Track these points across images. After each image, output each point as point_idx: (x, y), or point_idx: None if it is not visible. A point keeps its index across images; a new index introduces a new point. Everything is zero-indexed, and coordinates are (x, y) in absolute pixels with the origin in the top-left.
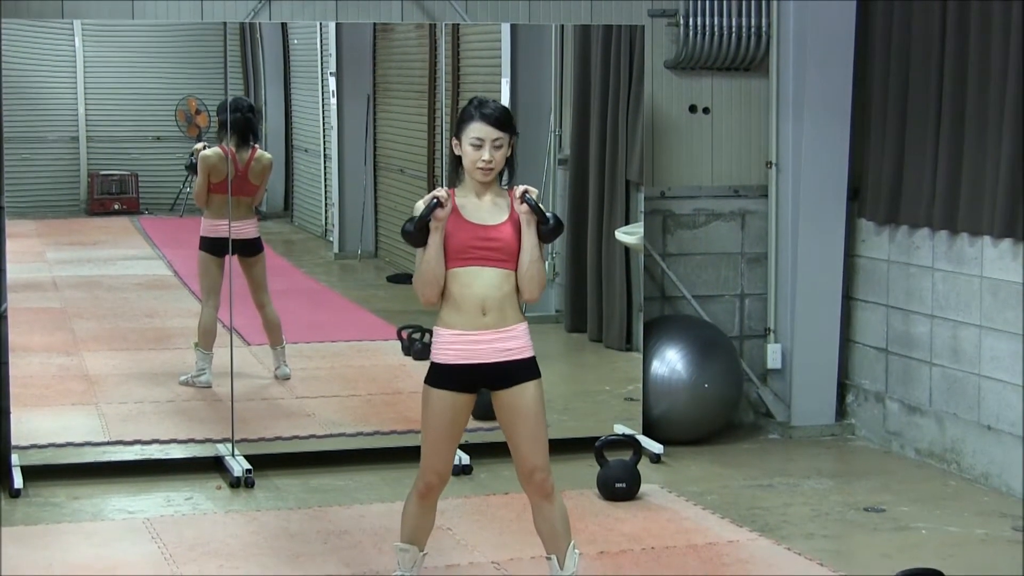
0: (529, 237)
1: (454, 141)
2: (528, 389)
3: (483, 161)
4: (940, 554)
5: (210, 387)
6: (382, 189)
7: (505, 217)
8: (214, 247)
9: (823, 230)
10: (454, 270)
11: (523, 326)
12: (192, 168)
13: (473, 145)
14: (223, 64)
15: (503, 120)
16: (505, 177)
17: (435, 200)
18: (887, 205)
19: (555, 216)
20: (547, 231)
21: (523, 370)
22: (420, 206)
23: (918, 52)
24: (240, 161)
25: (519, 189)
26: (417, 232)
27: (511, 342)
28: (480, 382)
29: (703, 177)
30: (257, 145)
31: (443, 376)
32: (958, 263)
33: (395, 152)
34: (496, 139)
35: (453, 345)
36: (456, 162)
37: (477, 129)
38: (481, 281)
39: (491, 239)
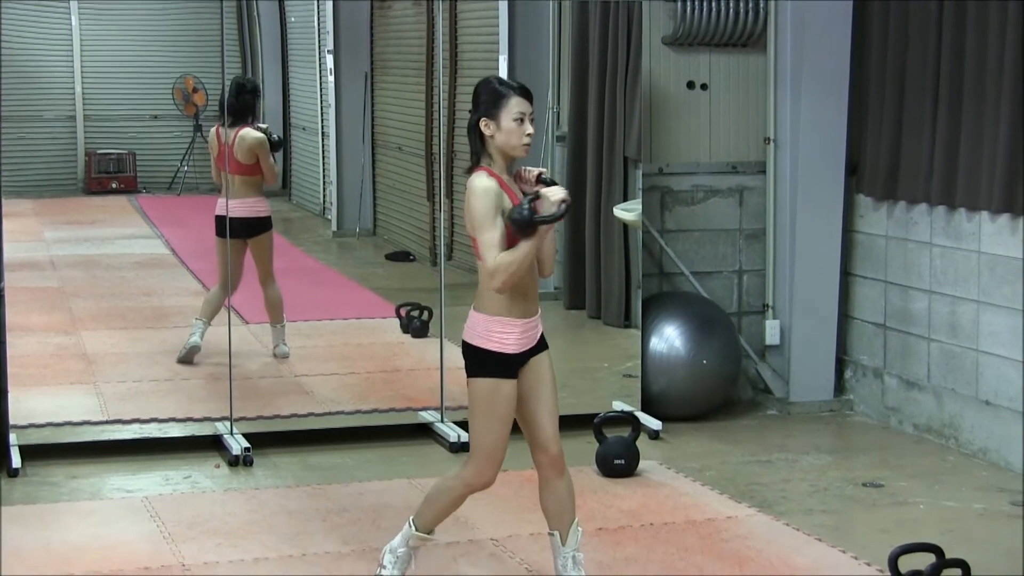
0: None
1: (484, 121)
2: (544, 359)
3: (527, 136)
4: (938, 529)
5: (198, 348)
6: (380, 167)
7: None
8: (219, 226)
9: (821, 206)
10: None
11: None
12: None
13: (517, 120)
14: (220, 42)
15: (531, 93)
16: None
17: (565, 206)
18: (885, 181)
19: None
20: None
21: (541, 342)
22: (557, 197)
23: (916, 28)
24: (224, 138)
25: (533, 171)
26: (535, 229)
27: (540, 320)
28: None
29: (701, 153)
30: (249, 124)
31: (509, 366)
32: (956, 238)
33: (393, 130)
34: (532, 113)
35: (517, 334)
36: (482, 141)
37: (519, 104)
38: (534, 272)
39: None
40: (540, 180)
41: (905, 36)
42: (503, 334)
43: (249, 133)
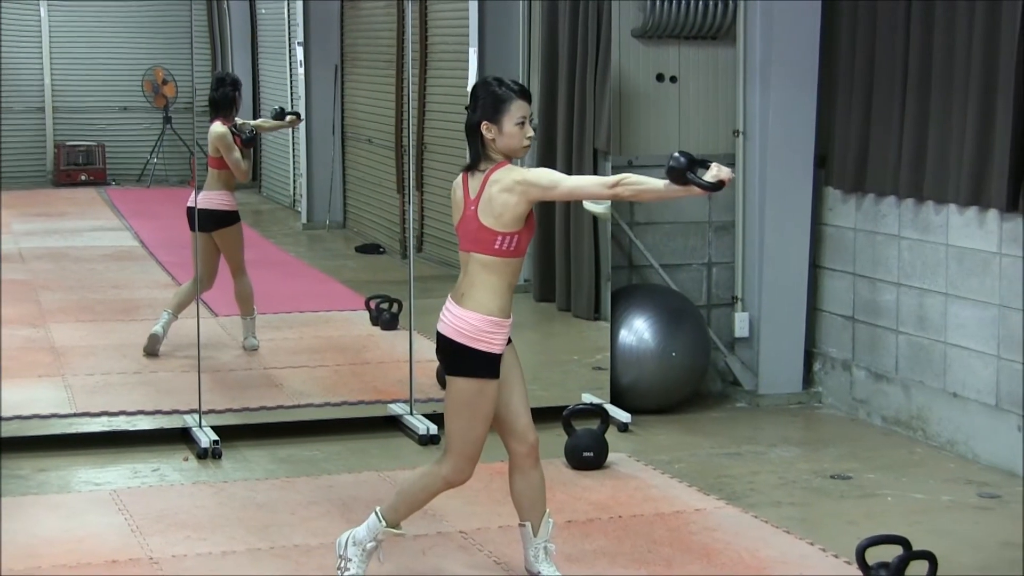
0: None
1: (486, 125)
2: (512, 351)
3: (528, 138)
4: (906, 521)
5: (158, 338)
6: (350, 159)
7: None
8: (191, 220)
9: (790, 198)
10: (511, 259)
11: None
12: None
13: (518, 124)
14: (190, 34)
15: (529, 96)
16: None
17: (721, 185)
18: (854, 173)
19: None
20: None
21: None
22: (720, 174)
23: (885, 21)
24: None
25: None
26: (681, 176)
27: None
28: None
29: (671, 146)
30: (229, 119)
31: (492, 365)
32: (924, 231)
33: (363, 122)
34: (531, 114)
35: (501, 333)
36: (482, 142)
37: (520, 108)
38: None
39: None
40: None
41: (874, 29)
42: (492, 334)
43: (215, 127)
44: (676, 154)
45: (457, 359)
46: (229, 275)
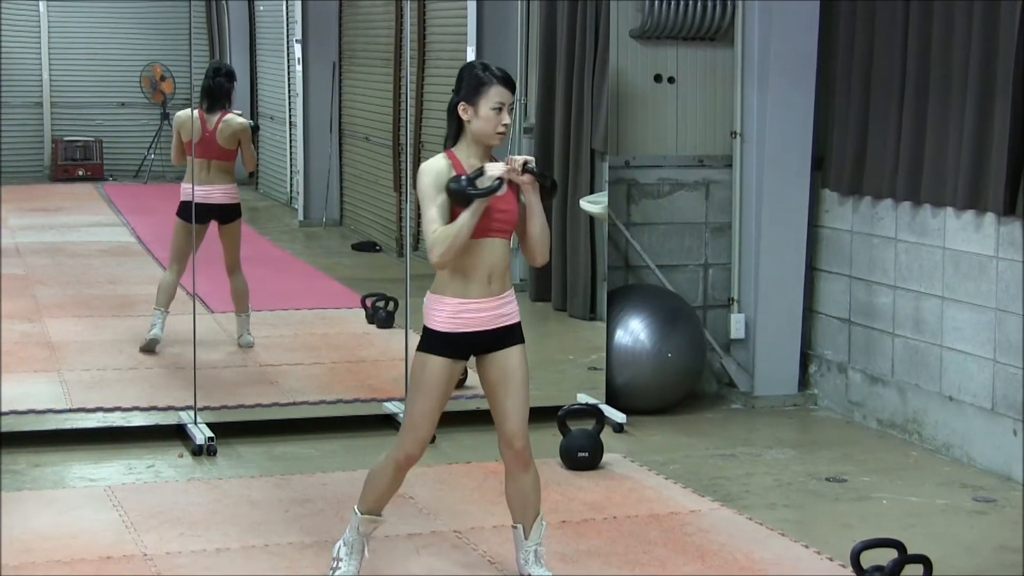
0: (535, 203)
1: (463, 105)
2: (516, 352)
3: (504, 125)
4: (901, 524)
5: (158, 341)
6: (347, 157)
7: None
8: (186, 212)
9: (787, 200)
10: (470, 240)
11: (513, 291)
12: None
13: (495, 109)
14: (188, 31)
15: (511, 83)
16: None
17: (499, 182)
18: (851, 176)
19: (552, 179)
20: (550, 193)
21: (512, 334)
22: (495, 173)
23: (883, 23)
24: (208, 123)
25: (519, 160)
26: (468, 200)
27: (508, 307)
28: (474, 349)
29: (668, 147)
30: (230, 110)
31: (443, 344)
32: (921, 234)
33: (361, 120)
34: (511, 103)
35: (459, 314)
36: (458, 125)
37: (499, 93)
38: (490, 251)
39: (503, 211)
40: (526, 169)
41: (872, 31)
42: (434, 311)
43: (234, 119)
44: (452, 179)
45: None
46: (223, 271)
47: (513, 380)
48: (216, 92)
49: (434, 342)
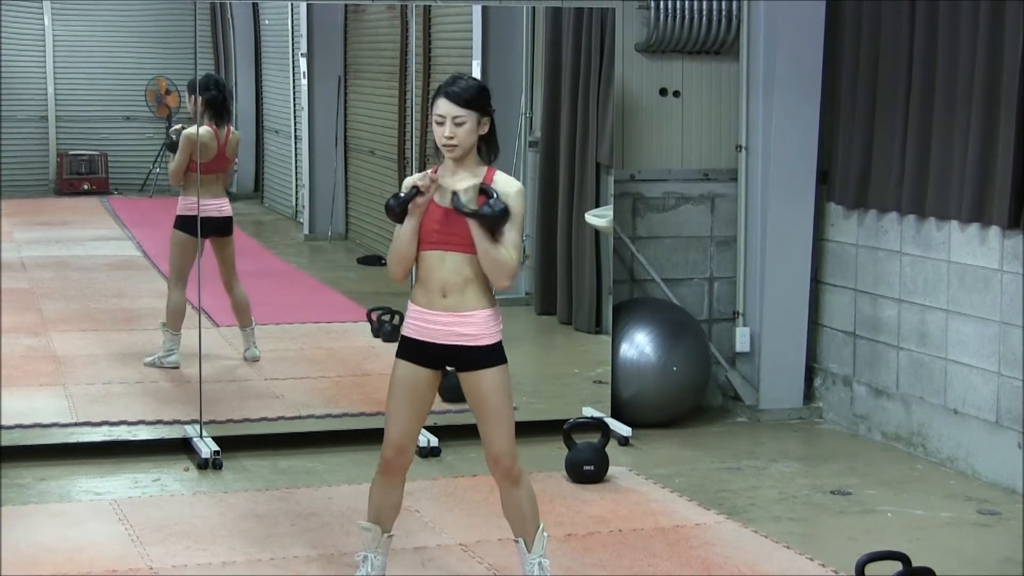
0: (475, 229)
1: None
2: (486, 376)
3: (445, 138)
4: (906, 537)
5: (178, 368)
6: (353, 171)
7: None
8: (190, 227)
9: (792, 214)
10: (420, 252)
11: (485, 313)
12: (172, 147)
13: (437, 122)
14: (193, 44)
15: (465, 96)
16: (486, 156)
17: (415, 189)
18: (856, 189)
19: (493, 208)
20: (490, 221)
21: (483, 357)
22: (409, 183)
23: (888, 37)
24: (220, 138)
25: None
26: (399, 211)
27: (468, 327)
28: (442, 361)
29: (673, 160)
30: (216, 123)
31: (406, 348)
32: (926, 247)
33: (366, 133)
34: (457, 116)
35: (415, 320)
36: None
37: (440, 106)
38: (444, 264)
39: (439, 224)
40: (481, 191)
41: (877, 46)
42: (407, 316)
43: (235, 132)
44: (389, 200)
45: None
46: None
47: (487, 405)
48: (221, 105)
49: (400, 345)
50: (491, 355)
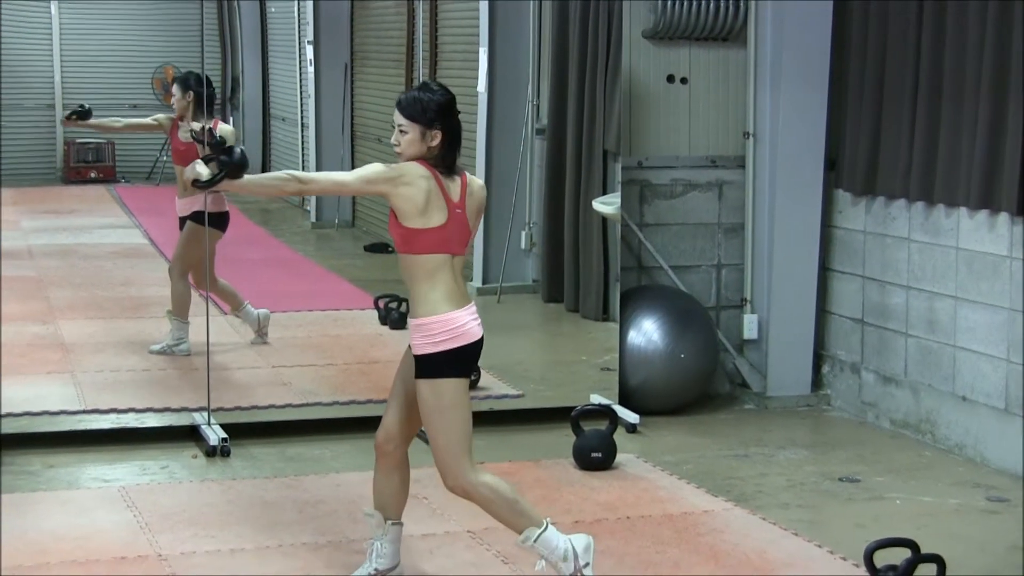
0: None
1: None
2: (418, 385)
3: (394, 145)
4: (914, 524)
5: (188, 355)
6: (359, 158)
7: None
8: (221, 221)
9: (800, 201)
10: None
11: (426, 320)
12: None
13: (396, 129)
14: (200, 32)
15: (407, 108)
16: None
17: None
18: (864, 176)
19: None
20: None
21: (418, 365)
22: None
23: (896, 23)
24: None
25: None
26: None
27: (413, 334)
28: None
29: (680, 147)
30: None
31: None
32: (934, 234)
33: (372, 121)
34: (401, 125)
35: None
36: None
37: (395, 115)
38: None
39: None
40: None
41: (885, 32)
42: None
43: (224, 125)
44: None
45: None
46: (223, 273)
47: (422, 413)
48: (208, 101)
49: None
50: (421, 366)
